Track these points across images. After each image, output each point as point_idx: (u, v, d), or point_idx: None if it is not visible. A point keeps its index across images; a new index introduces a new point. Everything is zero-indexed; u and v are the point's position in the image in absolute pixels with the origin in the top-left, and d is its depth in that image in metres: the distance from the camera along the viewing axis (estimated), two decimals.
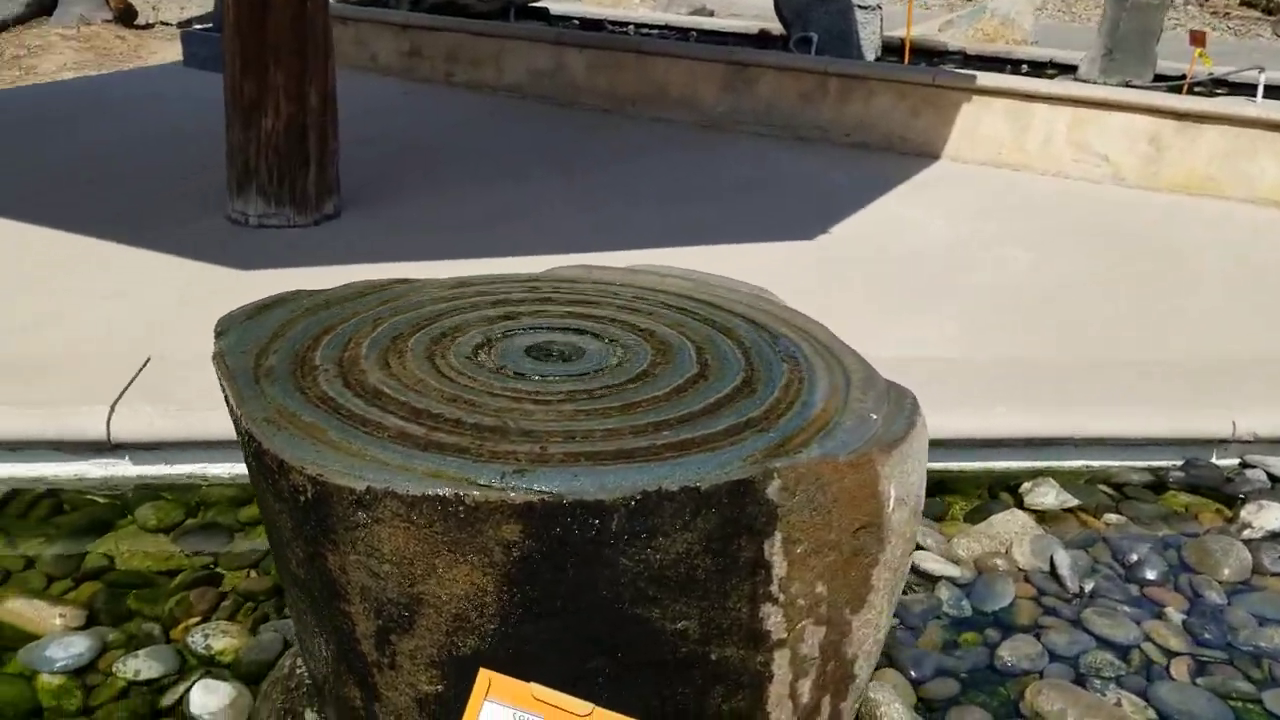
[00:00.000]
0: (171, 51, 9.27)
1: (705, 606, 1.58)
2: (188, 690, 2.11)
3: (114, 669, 2.19)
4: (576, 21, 11.45)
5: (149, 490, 2.84)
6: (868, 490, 1.64)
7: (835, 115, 7.04)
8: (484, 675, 1.37)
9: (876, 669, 2.26)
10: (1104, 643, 2.39)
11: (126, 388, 2.92)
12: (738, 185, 5.80)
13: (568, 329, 2.00)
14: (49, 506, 2.76)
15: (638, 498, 1.50)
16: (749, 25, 11.35)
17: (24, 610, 2.32)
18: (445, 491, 1.46)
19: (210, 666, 2.23)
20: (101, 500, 2.81)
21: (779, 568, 1.60)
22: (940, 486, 3.05)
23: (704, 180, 5.87)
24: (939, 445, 3.01)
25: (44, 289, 3.79)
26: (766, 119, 7.21)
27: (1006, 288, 4.38)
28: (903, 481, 1.69)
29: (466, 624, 1.53)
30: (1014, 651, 2.32)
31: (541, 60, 7.90)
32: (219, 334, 1.93)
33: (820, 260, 4.54)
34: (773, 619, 1.63)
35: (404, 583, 1.51)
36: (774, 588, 1.61)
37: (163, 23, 10.91)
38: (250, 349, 1.86)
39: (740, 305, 2.17)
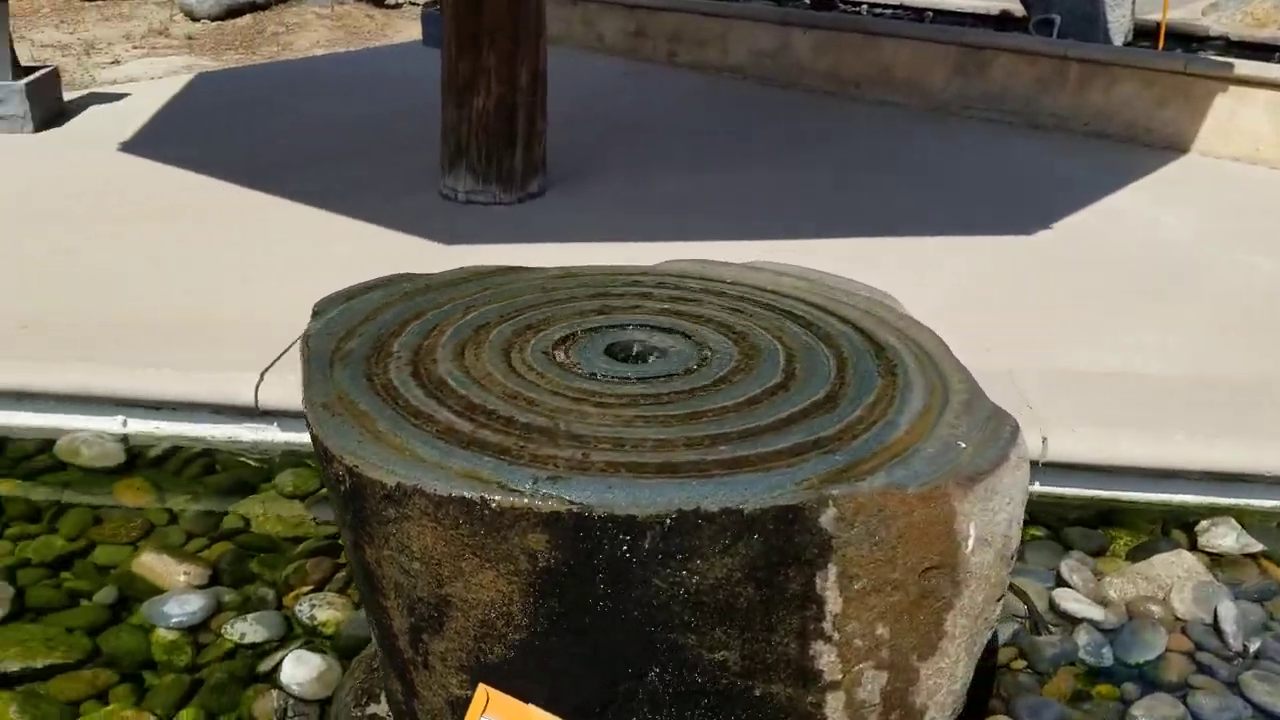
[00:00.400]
0: (414, 30, 9.67)
1: (748, 638, 1.47)
2: (284, 658, 2.17)
3: (223, 630, 2.28)
4: (807, 1, 11.23)
5: (294, 457, 2.94)
6: (940, 527, 1.48)
7: (1073, 102, 6.56)
8: (482, 691, 1.31)
9: (988, 715, 2.07)
10: (1263, 713, 2.10)
11: (281, 355, 3.04)
12: (959, 173, 5.48)
13: (658, 327, 1.91)
14: (202, 466, 2.91)
15: (673, 516, 1.40)
16: (989, 6, 10.80)
17: (155, 565, 2.45)
18: (471, 494, 1.41)
19: (312, 637, 2.29)
20: (251, 463, 2.93)
21: (833, 604, 1.47)
22: (1106, 518, 2.77)
23: (923, 167, 5.59)
24: (1108, 472, 2.75)
25: (247, 253, 4.00)
26: (999, 104, 6.80)
27: (1241, 299, 3.93)
28: (986, 520, 1.52)
29: (493, 632, 1.48)
30: (1150, 712, 2.07)
31: (765, 41, 7.75)
32: (316, 313, 1.95)
33: (1034, 258, 4.22)
34: (825, 658, 1.49)
35: (432, 583, 1.48)
36: (826, 625, 1.47)
37: (410, 2, 11.44)
38: (338, 331, 1.87)
39: (854, 311, 2.02)
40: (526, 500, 1.41)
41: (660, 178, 5.17)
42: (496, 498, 1.41)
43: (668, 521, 1.40)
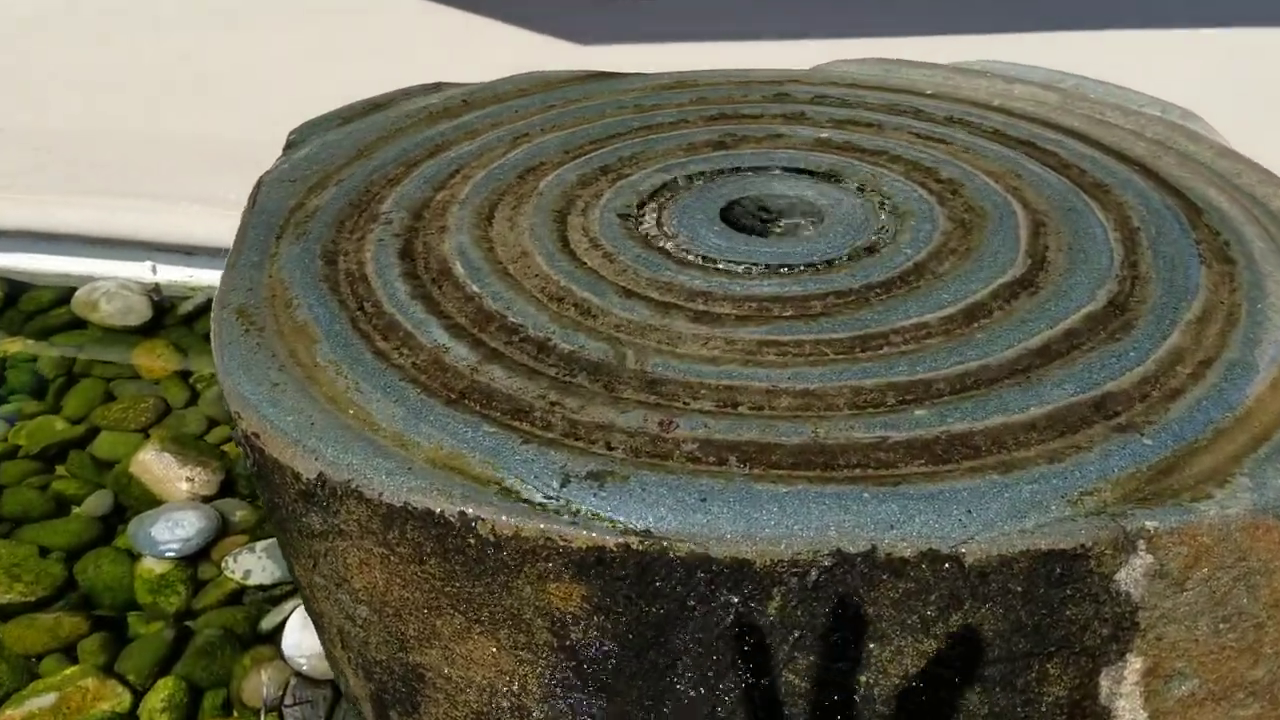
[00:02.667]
0: None
1: None
2: (294, 612, 1.62)
3: (224, 564, 1.74)
4: None
5: None
6: None
7: None
8: None
9: None
10: None
11: None
12: None
13: (811, 171, 1.17)
14: None
15: (825, 563, 0.72)
16: None
17: (154, 465, 1.91)
18: (444, 505, 0.75)
19: None
20: None
21: None
22: None
23: None
24: None
25: (360, 51, 3.34)
26: None
27: None
28: None
29: None
30: None
31: None
32: (289, 145, 1.29)
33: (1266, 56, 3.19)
34: None
35: (392, 645, 0.84)
36: None
37: None
38: (310, 174, 1.21)
39: (1141, 144, 1.22)
40: (544, 522, 0.74)
41: None
42: (489, 514, 0.74)
43: (813, 573, 0.72)
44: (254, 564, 1.74)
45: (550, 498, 0.75)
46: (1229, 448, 0.78)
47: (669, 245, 1.04)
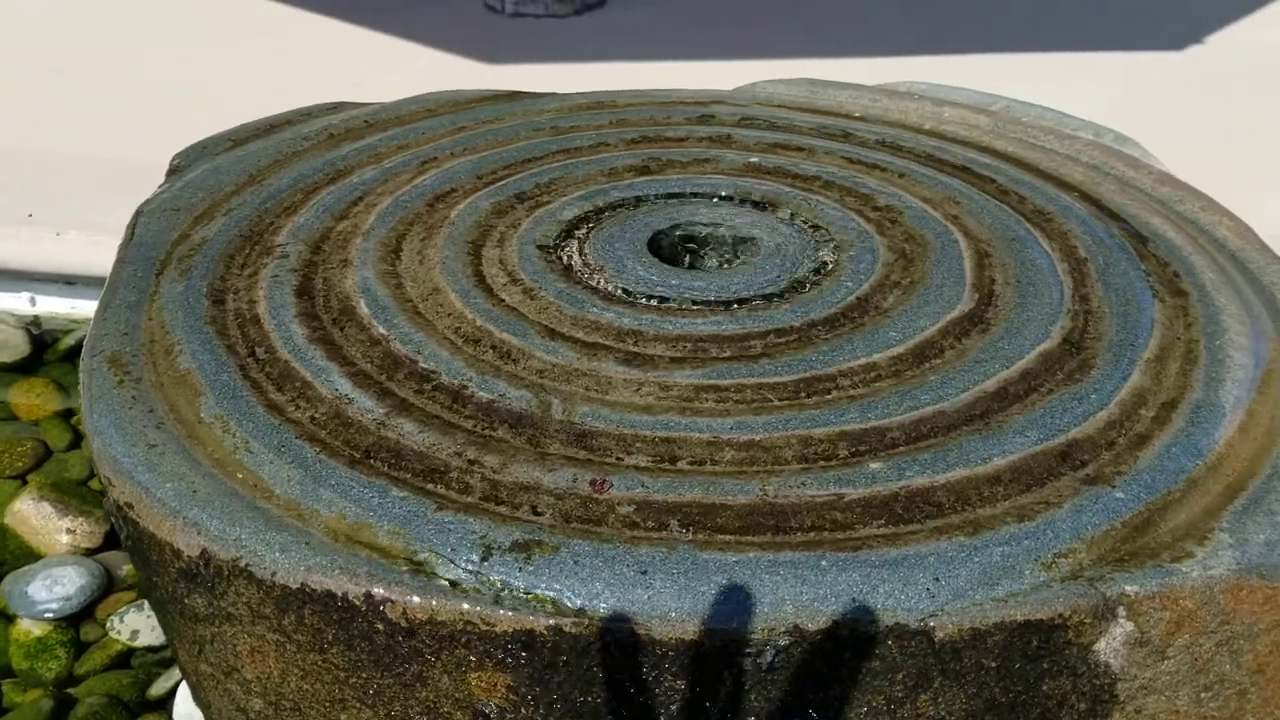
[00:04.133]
0: None
1: None
2: (180, 682, 1.49)
3: (109, 623, 1.60)
4: None
5: None
6: None
7: None
8: None
9: None
10: None
11: None
12: None
13: (741, 198, 1.10)
14: None
15: (779, 643, 0.64)
16: None
17: (31, 516, 1.76)
18: (348, 585, 0.66)
19: None
20: None
21: None
22: None
23: None
24: None
25: (265, 70, 3.19)
26: None
27: None
28: None
29: None
30: None
31: None
32: (172, 170, 1.18)
33: (1187, 80, 3.25)
34: None
35: None
36: None
37: None
38: (195, 204, 1.10)
39: (1078, 169, 1.18)
40: (464, 603, 0.65)
41: None
42: (399, 595, 0.65)
43: (769, 653, 0.64)
44: (142, 623, 1.60)
45: (470, 574, 0.66)
46: (1203, 499, 0.73)
47: (595, 280, 0.96)
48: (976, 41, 3.50)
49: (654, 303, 0.92)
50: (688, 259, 1.03)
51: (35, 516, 1.79)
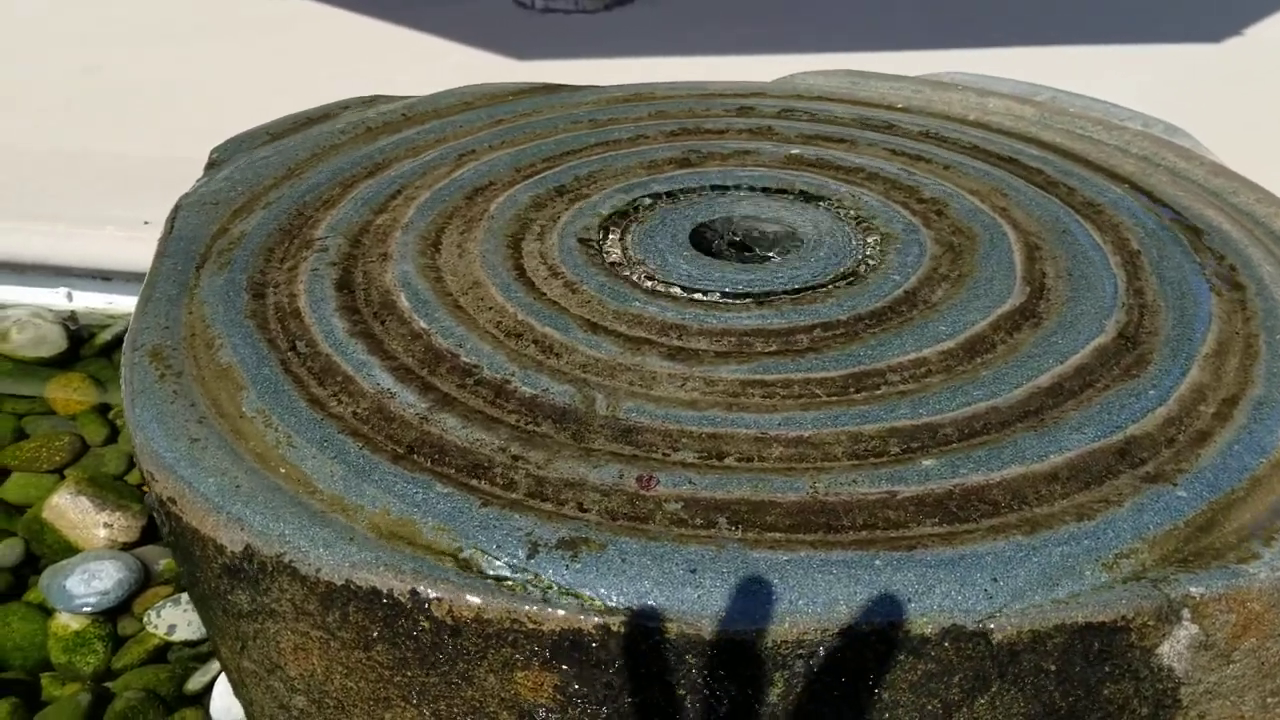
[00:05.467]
0: None
1: None
2: (217, 676, 1.49)
3: (146, 618, 1.60)
4: None
5: None
6: None
7: None
8: None
9: None
10: None
11: None
12: None
13: (784, 190, 1.08)
14: None
15: (834, 644, 0.63)
16: None
17: (69, 510, 1.77)
18: (392, 583, 0.65)
19: None
20: None
21: None
22: None
23: None
24: None
25: (297, 66, 3.19)
26: None
27: None
28: None
29: None
30: None
31: None
32: (211, 164, 1.17)
33: (1225, 73, 3.20)
34: None
35: None
36: None
37: None
38: (235, 197, 1.09)
39: (1129, 161, 1.16)
40: (510, 601, 0.64)
41: None
42: (445, 593, 0.64)
43: (821, 654, 0.63)
44: (179, 618, 1.60)
45: (516, 571, 0.65)
46: (1269, 498, 0.71)
47: (636, 273, 0.94)
48: (1012, 36, 3.46)
49: (697, 296, 0.91)
50: (730, 252, 1.02)
51: (73, 511, 1.80)
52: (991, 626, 0.62)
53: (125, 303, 2.29)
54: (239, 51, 3.35)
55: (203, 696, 1.50)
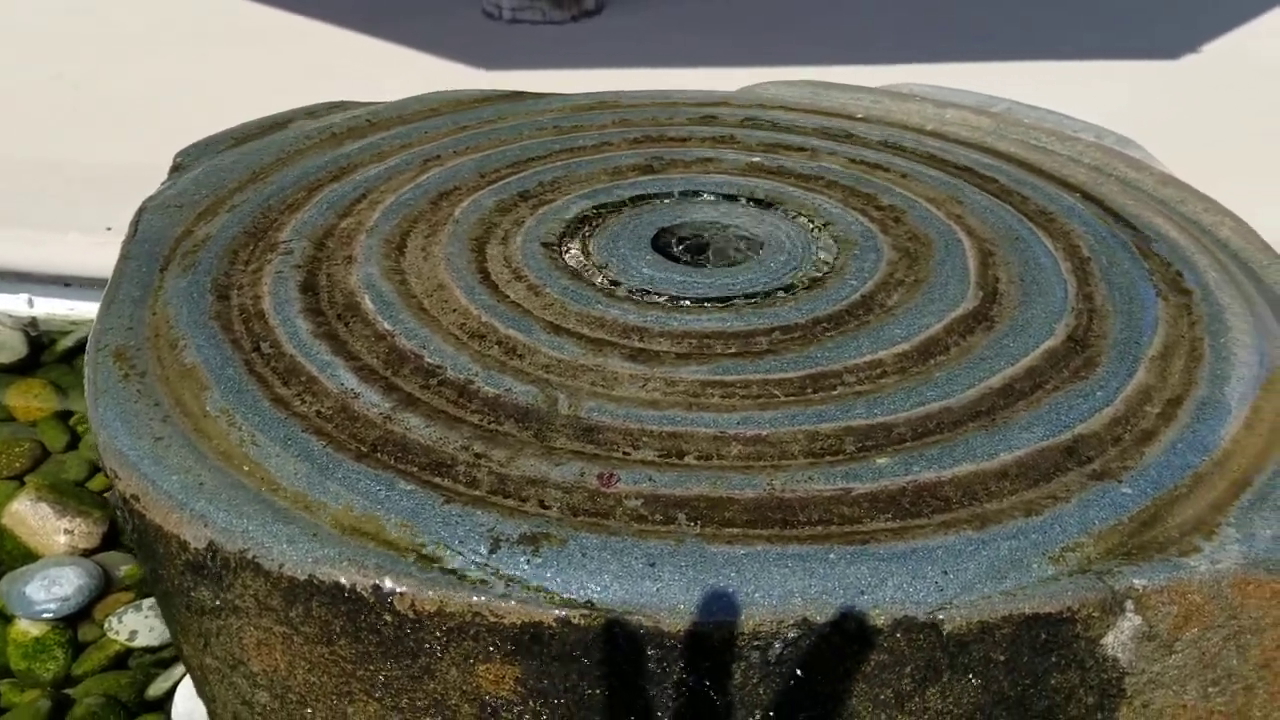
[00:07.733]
0: None
1: None
2: (179, 681, 1.48)
3: (107, 623, 1.59)
4: None
5: None
6: None
7: None
8: None
9: None
10: None
11: None
12: None
13: (745, 197, 1.10)
14: None
15: (789, 636, 0.64)
16: None
17: (28, 516, 1.76)
18: (353, 580, 0.66)
19: None
20: None
21: None
22: None
23: None
24: None
25: (264, 75, 3.18)
26: None
27: None
28: None
29: None
30: None
31: None
32: (175, 168, 1.18)
33: (1183, 89, 3.26)
34: None
35: None
36: None
37: None
38: (199, 200, 1.10)
39: (1080, 170, 1.19)
40: (472, 595, 0.65)
41: None
42: (407, 587, 0.65)
43: (777, 646, 0.64)
44: (140, 624, 1.59)
45: (478, 566, 0.66)
46: (1210, 495, 0.73)
47: (599, 278, 0.96)
48: (972, 51, 3.50)
49: (658, 299, 0.92)
50: (691, 257, 1.03)
51: (33, 517, 1.78)
52: (942, 618, 0.64)
53: (87, 309, 2.27)
54: (207, 61, 3.34)
55: (164, 702, 1.49)
